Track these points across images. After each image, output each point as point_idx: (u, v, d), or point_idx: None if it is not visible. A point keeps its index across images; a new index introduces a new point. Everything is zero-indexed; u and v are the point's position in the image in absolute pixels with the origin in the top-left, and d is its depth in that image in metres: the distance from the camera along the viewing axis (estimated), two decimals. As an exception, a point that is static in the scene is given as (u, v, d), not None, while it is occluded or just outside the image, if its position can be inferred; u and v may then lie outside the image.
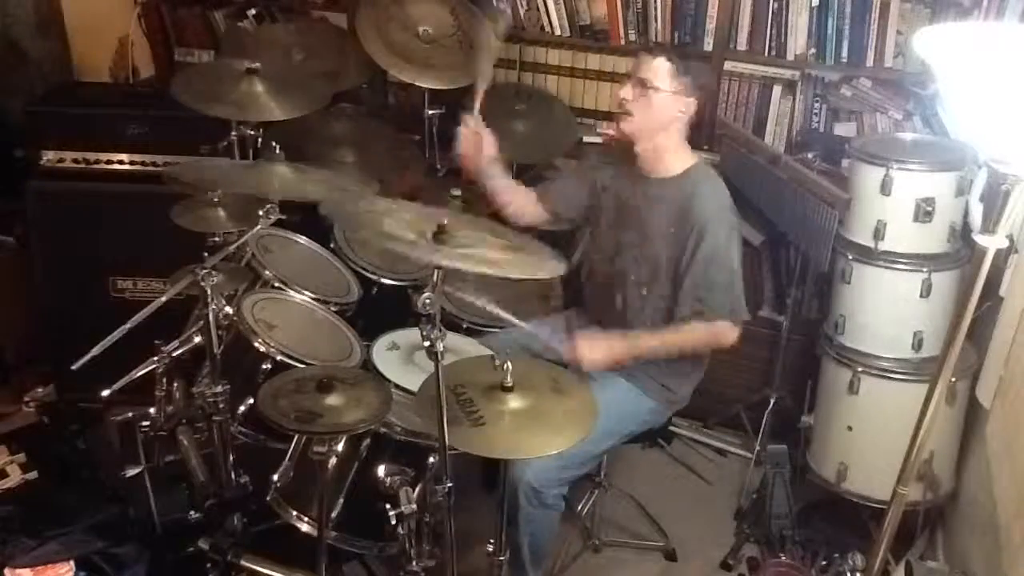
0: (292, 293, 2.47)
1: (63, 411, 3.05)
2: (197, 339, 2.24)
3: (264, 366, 2.24)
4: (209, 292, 2.01)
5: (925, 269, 2.51)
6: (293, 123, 2.73)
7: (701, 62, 2.37)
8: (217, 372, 2.11)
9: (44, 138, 2.98)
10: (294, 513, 2.17)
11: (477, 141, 2.51)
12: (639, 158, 2.36)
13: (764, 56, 2.99)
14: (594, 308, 2.55)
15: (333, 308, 2.51)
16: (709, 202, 2.26)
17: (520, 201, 2.55)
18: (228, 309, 2.20)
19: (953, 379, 2.43)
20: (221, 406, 2.13)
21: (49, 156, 2.97)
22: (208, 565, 2.20)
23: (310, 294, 2.49)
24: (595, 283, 2.53)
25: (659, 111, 2.26)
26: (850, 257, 2.60)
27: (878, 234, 2.54)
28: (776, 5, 2.91)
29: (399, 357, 2.32)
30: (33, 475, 2.78)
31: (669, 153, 2.33)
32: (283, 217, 2.48)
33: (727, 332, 2.30)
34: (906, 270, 2.53)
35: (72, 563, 2.37)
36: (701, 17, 3.00)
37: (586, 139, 3.20)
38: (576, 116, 3.25)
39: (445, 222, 1.78)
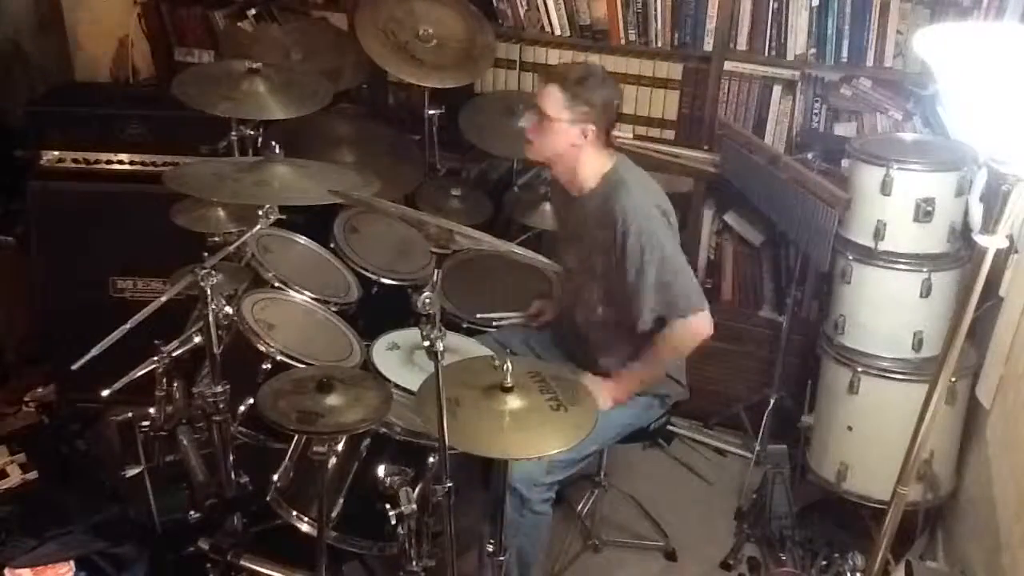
0: (292, 293, 2.47)
1: (63, 411, 3.05)
2: (197, 339, 2.24)
3: (264, 366, 2.24)
4: (209, 292, 2.01)
5: (925, 269, 2.51)
6: (293, 123, 2.73)
7: (601, 78, 2.25)
8: (217, 372, 2.11)
9: (44, 138, 2.98)
10: (294, 513, 2.18)
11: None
12: (562, 181, 2.35)
13: (764, 56, 2.98)
14: (561, 332, 2.55)
15: (333, 308, 2.51)
16: (624, 202, 2.19)
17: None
18: (228, 309, 2.19)
19: (953, 379, 2.43)
20: (221, 406, 2.13)
21: (49, 156, 2.98)
22: (208, 565, 2.20)
23: (310, 294, 2.49)
24: (563, 308, 2.53)
25: (554, 139, 2.22)
26: (850, 257, 2.60)
27: (878, 234, 2.54)
28: (776, 5, 2.91)
29: (399, 357, 2.32)
30: (33, 475, 2.78)
31: (584, 171, 2.28)
32: (283, 217, 2.48)
33: (700, 325, 2.24)
34: (906, 270, 2.53)
35: (72, 563, 2.37)
36: (701, 17, 3.00)
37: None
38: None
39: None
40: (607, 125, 2.25)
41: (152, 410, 2.27)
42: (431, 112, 3.07)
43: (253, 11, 3.41)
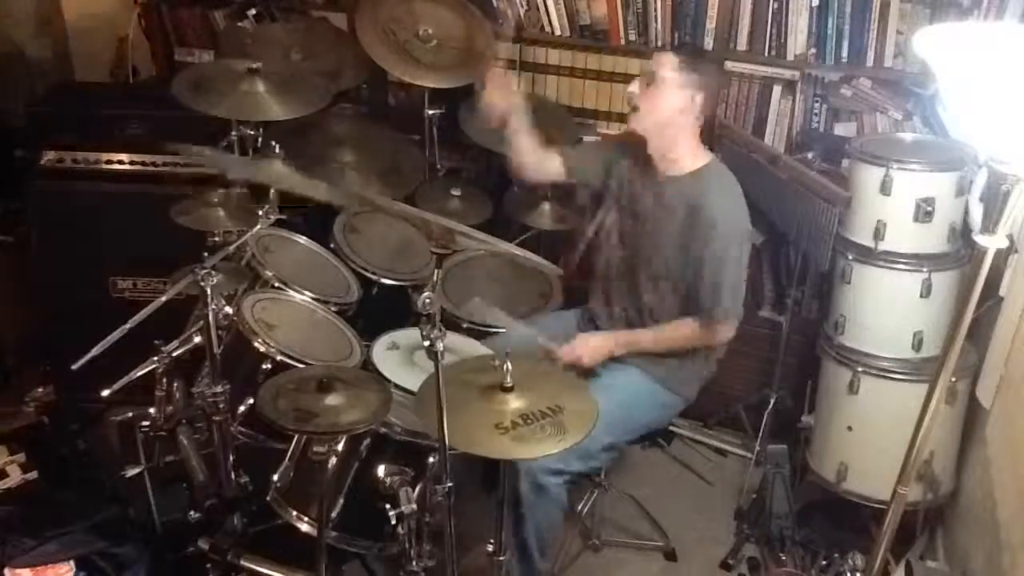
0: (292, 293, 2.47)
1: (63, 411, 3.04)
2: (197, 339, 2.24)
3: (264, 366, 2.24)
4: (209, 292, 2.01)
5: (925, 269, 2.51)
6: (293, 123, 2.72)
7: (712, 64, 2.37)
8: (217, 372, 2.11)
9: (44, 138, 2.98)
10: (294, 513, 2.18)
11: (506, 83, 2.59)
12: (652, 157, 2.38)
13: (764, 56, 2.99)
14: (608, 301, 2.55)
15: (333, 308, 2.51)
16: (719, 203, 2.27)
17: (539, 158, 2.58)
18: (228, 309, 2.20)
19: (953, 379, 2.43)
20: (221, 406, 2.13)
21: (49, 156, 2.97)
22: (208, 565, 2.20)
23: (310, 294, 2.49)
24: (610, 277, 2.53)
25: (663, 103, 2.28)
26: (850, 257, 2.60)
27: (878, 234, 2.54)
28: (776, 5, 2.91)
29: (399, 357, 2.32)
30: (33, 475, 2.77)
31: (679, 150, 2.34)
32: (283, 217, 2.48)
33: (726, 331, 2.35)
34: (906, 270, 2.53)
35: (72, 563, 2.37)
36: (701, 17, 3.00)
37: (586, 139, 3.20)
38: (576, 116, 3.25)
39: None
40: (711, 103, 2.32)
41: (152, 410, 2.27)
42: (431, 112, 3.07)
43: (253, 11, 3.40)
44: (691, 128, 2.32)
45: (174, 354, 2.23)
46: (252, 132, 2.78)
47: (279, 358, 2.23)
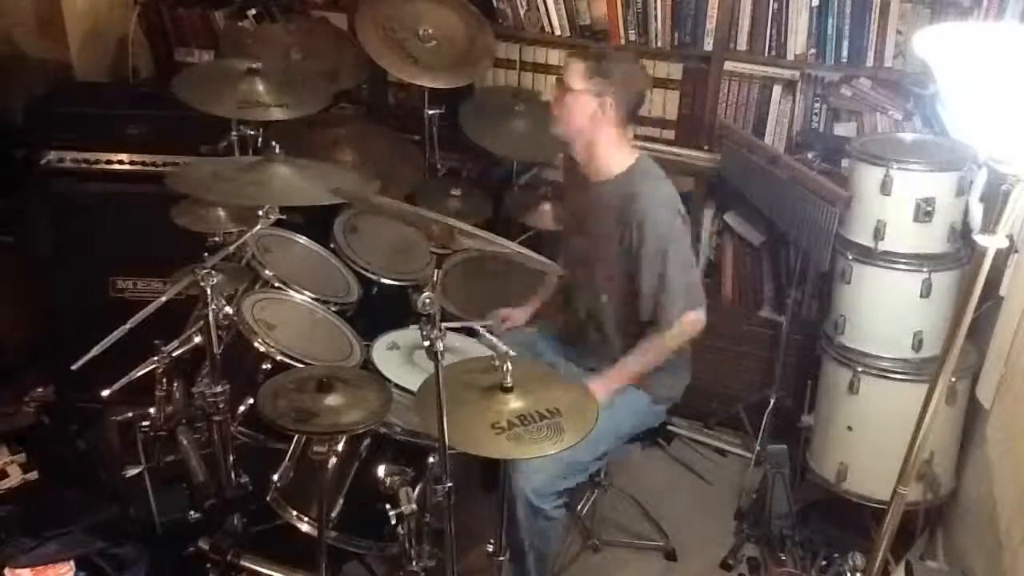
0: (292, 293, 2.47)
1: (63, 411, 3.05)
2: (197, 339, 2.24)
3: (264, 366, 2.24)
4: (209, 292, 2.01)
5: (925, 269, 2.51)
6: (293, 123, 2.73)
7: (627, 64, 2.32)
8: (217, 372, 2.11)
9: (44, 138, 2.98)
10: (294, 513, 2.18)
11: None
12: (580, 163, 2.37)
13: (764, 56, 2.99)
14: (565, 315, 2.55)
15: (333, 308, 2.51)
16: (646, 200, 2.25)
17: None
18: (228, 309, 2.20)
19: (953, 379, 2.43)
20: (221, 406, 2.13)
21: (49, 156, 2.97)
22: (208, 565, 2.20)
23: (310, 294, 2.49)
24: (566, 291, 2.54)
25: (574, 111, 2.27)
26: (850, 257, 2.60)
27: (878, 234, 2.54)
28: (776, 5, 2.91)
29: (399, 357, 2.32)
30: (33, 475, 2.77)
31: (604, 153, 2.32)
32: (283, 217, 2.47)
33: (694, 323, 2.31)
34: (906, 270, 2.53)
35: (72, 563, 2.37)
36: (701, 17, 3.00)
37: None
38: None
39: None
40: (627, 104, 2.28)
41: (152, 410, 2.27)
42: (431, 112, 3.07)
43: (253, 11, 3.41)
44: (610, 131, 2.29)
45: (174, 354, 2.23)
46: (252, 132, 2.79)
47: (279, 358, 2.23)
